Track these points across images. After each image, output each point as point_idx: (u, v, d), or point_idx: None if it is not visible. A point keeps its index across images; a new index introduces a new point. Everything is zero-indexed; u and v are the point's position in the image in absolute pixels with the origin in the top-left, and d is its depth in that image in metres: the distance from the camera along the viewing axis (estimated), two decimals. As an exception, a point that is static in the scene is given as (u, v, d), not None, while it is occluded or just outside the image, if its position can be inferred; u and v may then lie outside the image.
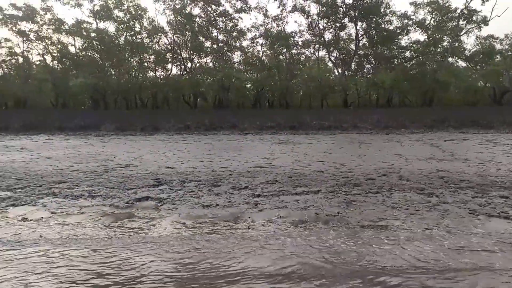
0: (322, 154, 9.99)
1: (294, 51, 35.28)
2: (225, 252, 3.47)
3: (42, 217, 4.61)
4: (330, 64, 37.57)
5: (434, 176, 6.69)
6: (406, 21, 33.05)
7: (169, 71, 35.84)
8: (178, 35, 34.66)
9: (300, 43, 35.05)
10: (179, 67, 36.28)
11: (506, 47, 34.93)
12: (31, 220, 4.51)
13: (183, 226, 4.27)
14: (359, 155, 9.79)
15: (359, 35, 33.68)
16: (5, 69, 34.60)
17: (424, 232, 3.94)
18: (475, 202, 5.00)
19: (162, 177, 6.94)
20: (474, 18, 32.15)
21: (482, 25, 32.59)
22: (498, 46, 35.03)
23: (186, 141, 14.43)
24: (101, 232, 4.05)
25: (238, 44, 35.30)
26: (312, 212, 4.74)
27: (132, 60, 35.39)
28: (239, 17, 34.04)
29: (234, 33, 34.50)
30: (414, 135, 15.98)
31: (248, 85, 34.79)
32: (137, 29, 34.08)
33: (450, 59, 34.06)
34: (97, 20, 33.51)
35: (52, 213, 4.79)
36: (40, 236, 3.92)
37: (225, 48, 34.64)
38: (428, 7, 32.57)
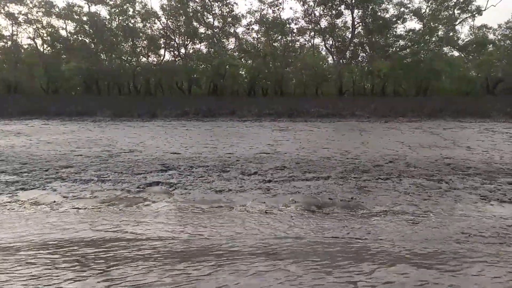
0: (325, 141, 10.01)
1: (289, 38, 34.93)
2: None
3: (54, 201, 4.55)
4: (323, 52, 37.35)
5: (441, 163, 6.76)
6: (402, 9, 32.92)
7: (162, 57, 35.24)
8: (171, 20, 33.98)
9: (295, 30, 34.71)
10: (172, 53, 35.68)
11: (499, 37, 35.04)
12: (43, 204, 4.45)
13: (199, 210, 4.25)
14: (362, 142, 9.84)
15: (355, 23, 33.48)
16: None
17: (440, 216, 3.99)
18: (485, 188, 5.08)
19: (169, 162, 6.89)
20: (469, 7, 32.15)
21: (477, 14, 32.63)
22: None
23: (185, 127, 14.33)
24: (117, 216, 4.01)
25: (232, 31, 34.80)
26: (326, 197, 4.76)
27: (125, 45, 34.65)
28: (235, 3, 33.46)
29: (229, 19, 33.94)
30: (412, 123, 16.12)
31: (242, 72, 34.42)
32: (130, 13, 33.29)
33: (444, 48, 34.12)
34: (89, 3, 32.64)
35: (64, 197, 4.73)
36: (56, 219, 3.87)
37: (220, 34, 34.13)
38: (424, -5, 32.42)
